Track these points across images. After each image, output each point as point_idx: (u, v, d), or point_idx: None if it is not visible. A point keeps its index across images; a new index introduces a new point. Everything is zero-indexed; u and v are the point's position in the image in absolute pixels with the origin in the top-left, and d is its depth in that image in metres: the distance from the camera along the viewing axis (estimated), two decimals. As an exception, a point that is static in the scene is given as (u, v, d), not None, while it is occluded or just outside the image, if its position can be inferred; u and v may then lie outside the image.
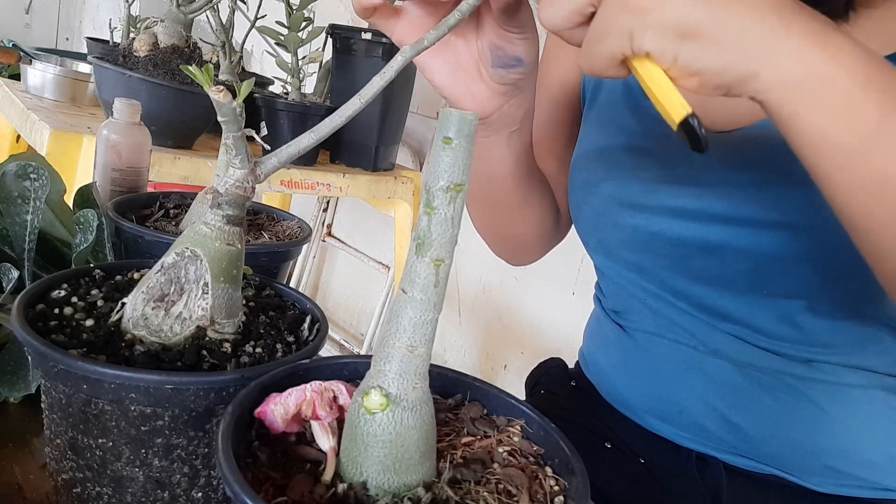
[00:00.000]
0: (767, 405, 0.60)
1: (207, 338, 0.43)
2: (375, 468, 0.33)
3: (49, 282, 0.46)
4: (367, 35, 1.45)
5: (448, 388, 0.42)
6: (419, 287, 0.33)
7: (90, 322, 0.43)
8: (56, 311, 0.44)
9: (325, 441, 0.35)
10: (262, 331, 0.47)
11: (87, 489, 0.40)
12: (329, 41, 1.51)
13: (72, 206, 0.66)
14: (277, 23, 1.37)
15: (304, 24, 1.38)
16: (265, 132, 1.48)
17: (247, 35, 1.45)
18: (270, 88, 1.69)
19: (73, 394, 0.38)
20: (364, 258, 2.31)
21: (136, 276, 0.50)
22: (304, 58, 1.44)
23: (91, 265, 0.50)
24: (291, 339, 0.47)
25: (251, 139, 0.42)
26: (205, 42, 1.41)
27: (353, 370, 0.42)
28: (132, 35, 1.32)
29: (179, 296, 0.43)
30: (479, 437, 0.39)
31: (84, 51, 1.92)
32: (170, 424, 0.38)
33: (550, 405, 0.76)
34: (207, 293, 0.43)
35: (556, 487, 0.35)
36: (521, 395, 0.71)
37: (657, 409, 0.66)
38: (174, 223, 0.69)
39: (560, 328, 1.71)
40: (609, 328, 0.72)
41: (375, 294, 2.23)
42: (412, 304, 0.33)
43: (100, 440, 0.39)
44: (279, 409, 0.35)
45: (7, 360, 0.53)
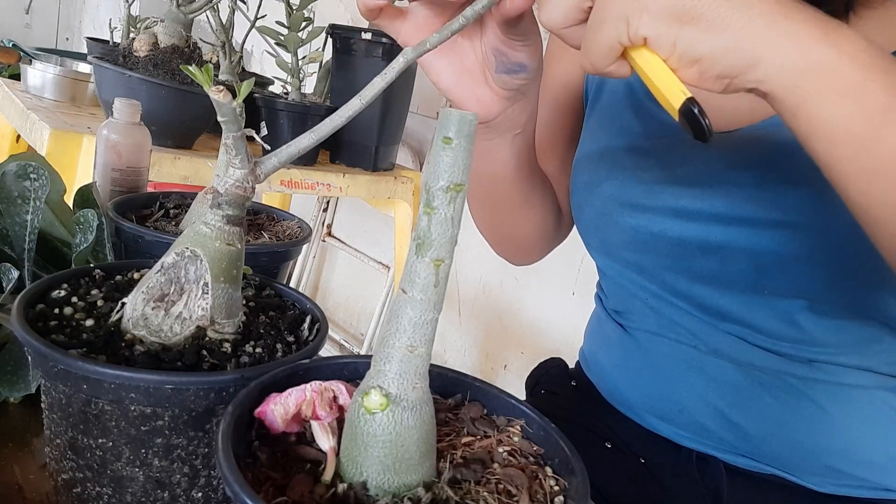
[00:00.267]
0: (768, 405, 0.60)
1: (207, 338, 0.43)
2: (375, 468, 0.32)
3: (49, 282, 0.46)
4: (367, 35, 1.45)
5: (448, 388, 0.42)
6: (419, 287, 0.33)
7: (90, 322, 0.43)
8: (56, 311, 0.44)
9: (325, 441, 0.35)
10: (262, 331, 0.47)
11: (87, 489, 0.40)
12: (329, 41, 1.51)
13: (72, 206, 0.66)
14: (277, 23, 1.37)
15: (304, 24, 1.38)
16: (265, 132, 1.48)
17: (247, 35, 1.45)
18: (270, 88, 1.69)
19: (73, 394, 0.38)
20: (364, 258, 2.31)
21: (136, 276, 0.50)
22: (304, 58, 1.44)
23: (91, 265, 0.50)
24: (291, 339, 0.47)
25: (251, 139, 0.42)
26: (205, 42, 1.41)
27: (353, 370, 0.42)
28: (132, 35, 1.33)
29: (179, 296, 0.43)
30: (479, 437, 0.39)
31: (84, 51, 1.92)
32: (170, 424, 0.38)
33: (550, 405, 0.76)
34: (207, 293, 0.43)
35: (556, 487, 0.35)
36: (522, 395, 0.71)
37: (658, 409, 0.66)
38: (174, 223, 0.69)
39: (560, 328, 1.71)
40: (610, 328, 0.72)
41: (375, 294, 2.23)
42: (412, 304, 0.33)
43: (100, 440, 0.39)
44: (279, 409, 0.35)
45: (7, 360, 0.53)
